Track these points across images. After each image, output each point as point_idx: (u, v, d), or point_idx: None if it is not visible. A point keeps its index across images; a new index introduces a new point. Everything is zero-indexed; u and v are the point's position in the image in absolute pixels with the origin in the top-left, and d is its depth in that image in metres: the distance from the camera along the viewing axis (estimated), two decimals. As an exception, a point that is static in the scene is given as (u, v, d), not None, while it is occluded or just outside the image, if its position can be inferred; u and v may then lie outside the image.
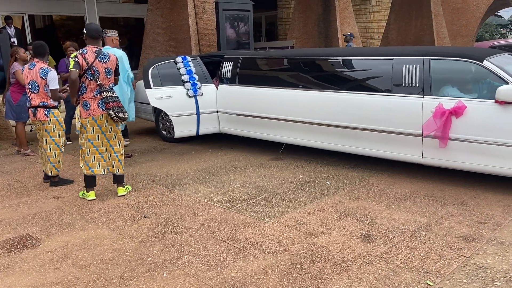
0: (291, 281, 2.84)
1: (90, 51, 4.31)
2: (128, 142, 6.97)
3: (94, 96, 4.32)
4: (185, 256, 3.21)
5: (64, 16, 13.79)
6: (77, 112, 4.44)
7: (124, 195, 4.55)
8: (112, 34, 5.87)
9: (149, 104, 7.16)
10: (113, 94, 4.38)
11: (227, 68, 6.18)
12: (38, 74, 4.83)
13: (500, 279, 2.77)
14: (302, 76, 5.44)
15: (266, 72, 5.80)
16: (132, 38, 15.26)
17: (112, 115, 4.30)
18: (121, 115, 4.35)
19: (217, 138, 7.07)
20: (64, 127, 4.95)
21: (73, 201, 4.46)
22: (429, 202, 4.12)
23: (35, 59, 4.99)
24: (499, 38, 35.80)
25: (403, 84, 4.67)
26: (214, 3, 10.44)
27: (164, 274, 2.97)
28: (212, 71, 6.58)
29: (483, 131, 4.19)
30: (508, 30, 41.89)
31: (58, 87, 4.86)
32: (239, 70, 6.05)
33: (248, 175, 5.12)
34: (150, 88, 5.81)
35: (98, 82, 4.28)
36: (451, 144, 4.37)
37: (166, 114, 6.87)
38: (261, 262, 3.09)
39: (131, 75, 5.84)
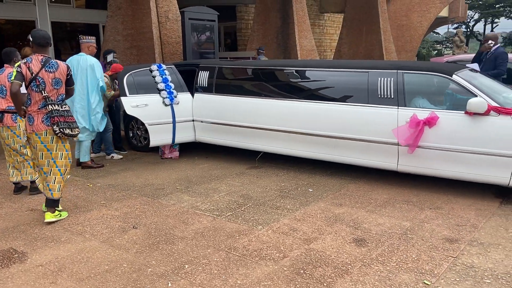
0: (297, 286, 2.90)
1: (35, 59, 3.90)
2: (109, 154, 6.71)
3: (38, 109, 3.92)
4: (186, 266, 3.18)
5: (13, 20, 13.13)
6: (22, 126, 4.23)
7: (52, 222, 3.99)
8: (89, 40, 5.68)
9: (117, 112, 6.99)
10: (61, 108, 3.97)
11: (203, 77, 6.19)
12: (6, 78, 4.72)
13: (489, 277, 3.00)
14: (281, 86, 5.57)
15: (244, 81, 5.88)
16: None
17: (56, 131, 3.90)
18: (67, 131, 3.95)
19: (190, 147, 7.01)
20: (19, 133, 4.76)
21: (52, 213, 4.26)
22: (407, 207, 4.36)
23: (5, 64, 4.87)
24: (436, 54, 38.32)
25: (379, 96, 4.92)
26: (177, 12, 10.40)
27: (169, 285, 2.93)
28: (185, 79, 6.53)
29: (454, 140, 4.50)
30: (444, 46, 44.98)
31: (25, 91, 4.68)
32: (215, 79, 6.08)
33: (230, 183, 5.14)
34: (126, 96, 5.69)
35: (44, 94, 3.88)
36: (424, 152, 4.65)
37: (137, 122, 6.75)
38: (264, 268, 3.13)
39: (101, 84, 5.67)
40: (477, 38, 45.35)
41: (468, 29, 43.77)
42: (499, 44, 6.55)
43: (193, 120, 6.19)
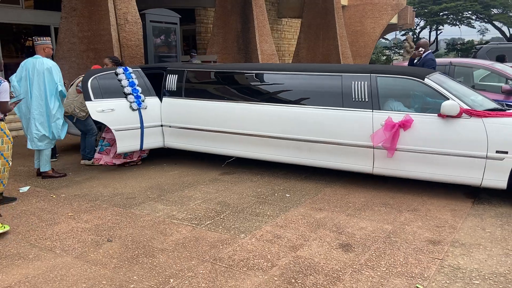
0: (291, 296, 2.81)
1: None
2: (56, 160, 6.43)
3: None
4: (171, 280, 3.00)
5: (-44, 21, 12.25)
6: None
7: None
8: (44, 41, 5.31)
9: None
10: None
11: (171, 80, 5.98)
12: None
13: (477, 278, 3.03)
14: (253, 90, 5.47)
15: (216, 85, 5.73)
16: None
17: None
18: None
19: (156, 154, 6.75)
20: (12, 139, 4.38)
21: (14, 228, 3.92)
22: (386, 209, 4.38)
23: None
24: (385, 59, 39.83)
25: (354, 99, 4.94)
26: (137, 14, 10.08)
27: (156, 301, 2.75)
28: (151, 83, 6.28)
29: (427, 142, 4.58)
30: (393, 52, 47.07)
31: (8, 99, 4.32)
32: (185, 83, 5.89)
33: (205, 190, 4.97)
34: (90, 100, 5.37)
35: None
36: (399, 154, 4.71)
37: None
38: (253, 279, 3.01)
39: (60, 88, 5.33)
40: (423, 44, 47.63)
41: (415, 36, 45.79)
42: (429, 51, 7.00)
43: (161, 125, 5.96)
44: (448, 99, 4.57)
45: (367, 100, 4.88)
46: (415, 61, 7.00)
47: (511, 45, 10.69)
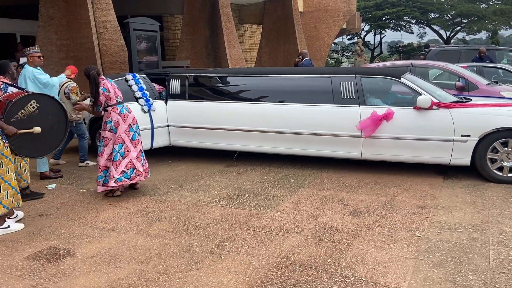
0: (325, 247, 3.59)
1: None
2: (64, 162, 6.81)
3: None
4: (227, 243, 3.69)
5: None
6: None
7: None
8: (28, 52, 5.61)
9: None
10: None
11: (175, 84, 6.60)
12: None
13: (460, 228, 3.96)
14: (255, 91, 6.22)
15: (220, 87, 6.42)
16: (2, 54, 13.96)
17: None
18: None
19: (154, 153, 7.30)
20: None
21: (65, 215, 4.43)
22: (376, 186, 5.27)
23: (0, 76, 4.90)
24: (334, 62, 41.76)
25: (343, 97, 5.81)
26: (115, 22, 10.51)
27: (222, 257, 3.43)
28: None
29: (406, 130, 5.53)
30: (341, 55, 49.24)
31: None
32: (188, 86, 6.54)
33: (218, 180, 5.65)
34: (108, 104, 5.88)
35: None
36: (384, 141, 5.63)
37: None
38: (292, 239, 3.76)
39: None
40: (368, 47, 50.40)
41: (362, 39, 48.19)
42: (306, 58, 9.83)
43: (167, 126, 6.56)
44: (421, 94, 5.55)
45: (354, 97, 5.77)
46: (297, 65, 9.24)
47: (456, 47, 12.13)
